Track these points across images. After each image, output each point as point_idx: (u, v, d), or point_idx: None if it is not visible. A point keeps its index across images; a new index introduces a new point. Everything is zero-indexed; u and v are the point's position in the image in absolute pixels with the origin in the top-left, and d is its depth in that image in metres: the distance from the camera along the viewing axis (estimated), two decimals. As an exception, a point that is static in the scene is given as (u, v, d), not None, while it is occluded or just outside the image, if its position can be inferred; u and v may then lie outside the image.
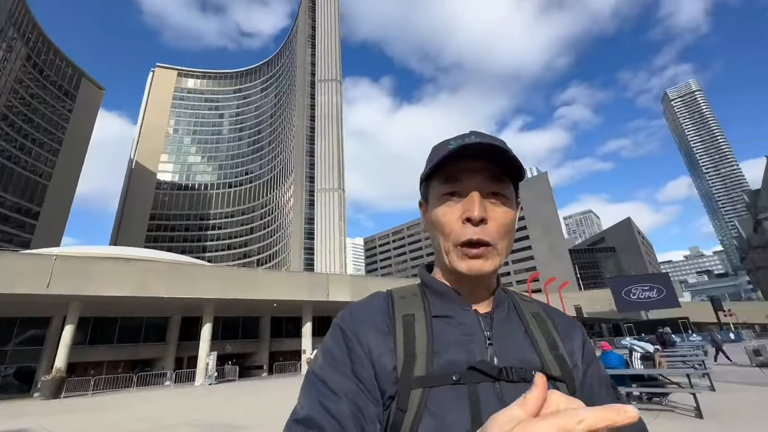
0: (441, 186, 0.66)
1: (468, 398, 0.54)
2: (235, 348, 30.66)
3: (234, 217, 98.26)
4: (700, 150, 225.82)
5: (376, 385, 0.57)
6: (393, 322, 0.63)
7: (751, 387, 9.52)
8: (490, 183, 0.64)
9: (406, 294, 0.69)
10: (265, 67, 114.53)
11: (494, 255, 0.62)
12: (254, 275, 25.76)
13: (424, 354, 0.58)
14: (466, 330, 0.62)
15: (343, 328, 0.63)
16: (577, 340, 0.70)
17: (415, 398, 0.54)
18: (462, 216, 0.62)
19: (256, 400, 13.42)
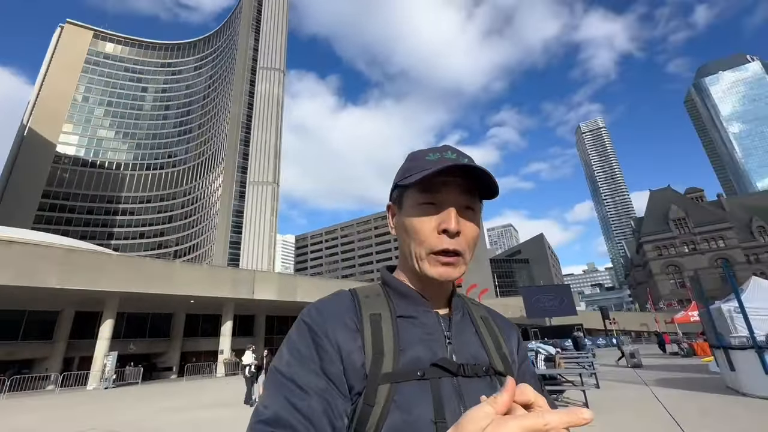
0: (418, 195, 0.68)
1: (431, 392, 0.58)
2: (141, 348, 27.65)
3: (150, 202, 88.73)
4: (601, 179, 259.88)
5: (345, 381, 0.58)
6: (360, 321, 0.64)
7: (628, 385, 11.17)
8: (464, 197, 0.68)
9: (371, 294, 0.71)
10: (202, 44, 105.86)
11: (462, 264, 0.67)
12: (170, 268, 23.44)
13: (391, 351, 0.61)
14: (428, 330, 0.66)
15: (310, 325, 0.63)
16: (514, 340, 0.77)
17: (383, 393, 0.56)
18: (439, 227, 0.66)
19: (158, 405, 12.22)
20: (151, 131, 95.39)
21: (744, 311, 8.90)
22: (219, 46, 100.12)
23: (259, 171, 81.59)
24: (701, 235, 66.86)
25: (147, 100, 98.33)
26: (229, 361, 25.71)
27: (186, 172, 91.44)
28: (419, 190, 0.68)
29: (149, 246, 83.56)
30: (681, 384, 10.72)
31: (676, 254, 68.11)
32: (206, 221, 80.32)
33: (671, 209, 70.60)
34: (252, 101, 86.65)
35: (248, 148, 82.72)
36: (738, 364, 8.88)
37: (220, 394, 14.43)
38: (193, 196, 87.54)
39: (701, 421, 6.43)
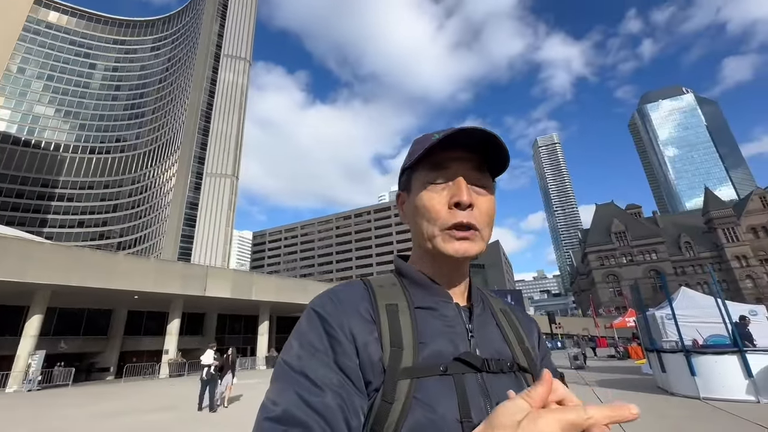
0: (428, 173, 0.66)
1: (455, 389, 0.54)
2: (74, 346, 25.33)
3: (93, 189, 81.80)
4: (554, 191, 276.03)
5: (361, 376, 0.54)
6: (376, 311, 0.60)
7: (571, 386, 11.82)
8: (475, 173, 0.65)
9: (385, 283, 0.66)
10: (161, 24, 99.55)
11: (479, 239, 0.63)
12: (113, 260, 21.65)
13: (411, 345, 0.57)
14: (449, 322, 0.62)
15: (323, 315, 0.58)
16: (535, 335, 0.74)
17: (403, 389, 0.53)
18: (450, 201, 0.62)
19: (90, 409, 11.22)
20: (98, 111, 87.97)
21: (675, 318, 9.76)
22: (180, 28, 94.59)
23: (217, 162, 77.92)
24: (638, 248, 72.96)
25: (95, 78, 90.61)
26: (174, 361, 24.20)
27: (136, 159, 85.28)
28: (427, 168, 0.66)
29: (89, 236, 76.91)
30: (618, 384, 11.55)
31: (616, 264, 73.79)
32: (156, 212, 75.34)
33: (613, 223, 76.43)
34: (214, 89, 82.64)
35: (207, 137, 78.74)
36: (668, 366, 9.70)
37: (163, 398, 13.52)
38: (142, 184, 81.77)
39: (638, 420, 6.93)
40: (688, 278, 66.47)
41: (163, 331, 25.82)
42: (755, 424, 6.20)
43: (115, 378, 24.31)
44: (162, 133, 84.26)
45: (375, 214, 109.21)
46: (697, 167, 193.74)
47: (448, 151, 0.64)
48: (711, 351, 8.85)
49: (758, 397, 8.02)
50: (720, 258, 67.02)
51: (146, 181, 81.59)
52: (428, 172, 0.65)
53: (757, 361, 8.18)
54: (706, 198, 72.14)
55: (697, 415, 7.17)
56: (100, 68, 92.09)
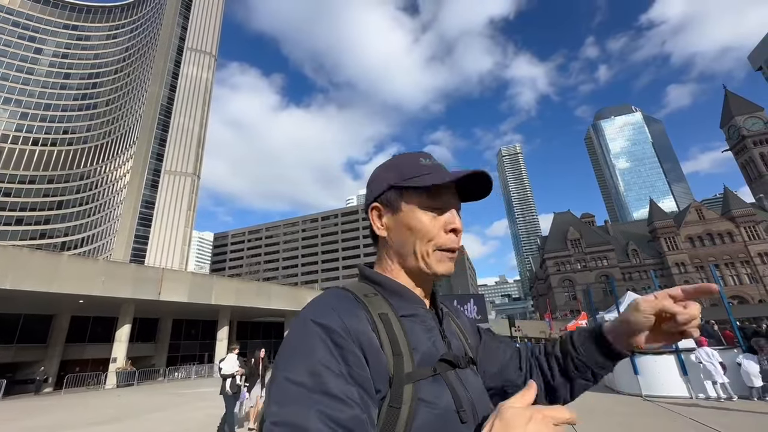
0: (425, 199, 0.71)
1: (446, 385, 0.61)
2: (6, 355, 23.14)
3: (35, 183, 75.28)
4: (516, 199, 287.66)
5: (373, 386, 0.55)
6: (373, 321, 0.61)
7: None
8: (458, 201, 0.75)
9: (368, 293, 0.68)
10: (118, 11, 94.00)
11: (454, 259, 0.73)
12: (55, 261, 19.95)
13: (408, 351, 0.60)
14: (428, 327, 0.68)
15: (329, 326, 0.56)
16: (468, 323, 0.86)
17: (408, 393, 0.56)
18: (446, 227, 0.70)
19: (23, 424, 10.25)
20: (44, 100, 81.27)
21: (622, 321, 10.43)
22: (141, 17, 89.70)
23: (177, 160, 74.26)
24: (590, 255, 77.43)
25: (41, 64, 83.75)
26: (123, 370, 22.65)
27: (85, 152, 79.54)
28: (425, 194, 0.71)
29: (29, 234, 70.60)
30: (570, 384, 12.14)
31: (571, 270, 77.84)
32: (107, 210, 70.52)
33: (569, 231, 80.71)
34: (176, 83, 78.84)
35: (167, 133, 74.91)
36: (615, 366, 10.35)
37: (108, 409, 12.60)
38: (92, 180, 76.32)
39: (587, 417, 7.32)
40: (635, 283, 71.34)
41: (111, 337, 24.14)
42: (689, 419, 6.75)
43: (54, 389, 22.36)
44: (116, 127, 79.19)
45: (343, 218, 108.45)
46: (644, 180, 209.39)
47: (449, 188, 0.72)
48: (651, 351, 9.51)
49: (692, 393, 8.74)
50: (662, 265, 72.55)
51: (96, 177, 76.20)
52: (425, 198, 0.71)
53: (690, 360, 8.91)
54: (650, 209, 77.96)
55: (639, 411, 7.69)
56: (48, 54, 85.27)
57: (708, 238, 71.50)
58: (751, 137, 72.03)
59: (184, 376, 27.42)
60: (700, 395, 8.56)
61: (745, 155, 73.78)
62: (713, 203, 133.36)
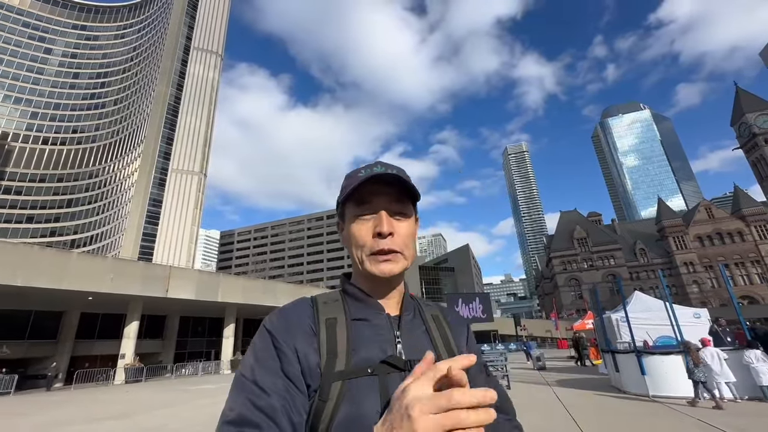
0: (355, 208, 0.78)
1: (379, 387, 0.65)
2: (18, 351, 23.54)
3: (45, 182, 76.37)
4: (522, 198, 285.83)
5: (303, 380, 0.65)
6: (317, 325, 0.72)
7: (535, 385, 12.27)
8: (394, 204, 0.78)
9: (329, 300, 0.79)
10: (126, 11, 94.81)
11: (401, 259, 0.76)
12: (65, 259, 20.26)
13: (344, 352, 0.68)
14: (379, 330, 0.74)
15: (271, 331, 0.70)
16: (464, 334, 0.88)
17: (336, 389, 0.64)
18: (374, 231, 0.76)
19: (37, 419, 10.45)
20: (53, 99, 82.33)
21: (629, 320, 10.34)
22: (148, 17, 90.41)
23: (184, 158, 74.87)
24: (597, 254, 76.80)
25: (51, 64, 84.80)
26: (131, 366, 22.97)
27: (94, 151, 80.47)
28: (355, 203, 0.78)
29: (39, 232, 71.68)
30: (576, 384, 12.08)
31: (577, 269, 77.29)
32: (115, 209, 71.34)
33: (576, 229, 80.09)
34: (182, 82, 79.42)
35: (174, 132, 75.53)
36: (621, 366, 10.26)
37: (117, 405, 12.80)
38: (101, 179, 77.23)
39: (593, 417, 7.29)
40: (642, 283, 70.66)
41: (120, 334, 24.47)
42: (696, 419, 6.69)
43: (64, 385, 22.73)
44: (124, 126, 80.00)
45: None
46: (652, 179, 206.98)
47: (371, 187, 0.76)
48: (659, 351, 9.41)
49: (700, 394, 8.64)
50: (670, 264, 71.75)
51: (105, 176, 77.09)
52: (356, 207, 0.78)
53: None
54: (659, 208, 77.06)
55: (645, 412, 7.63)
56: (57, 53, 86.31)
57: (717, 237, 70.55)
58: (763, 135, 70.80)
59: (191, 373, 27.72)
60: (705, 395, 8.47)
61: (756, 153, 72.50)
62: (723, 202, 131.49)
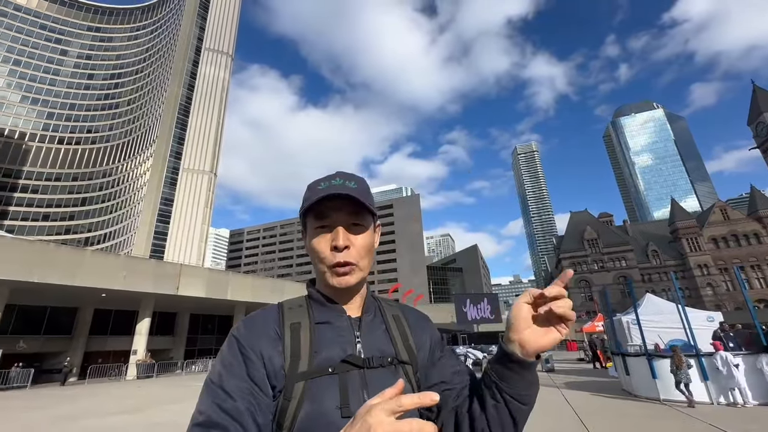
0: (314, 221, 0.83)
1: (338, 384, 0.71)
2: (34, 346, 24.10)
3: (60, 181, 78.05)
4: (531, 199, 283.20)
5: (268, 383, 0.71)
6: (282, 330, 0.77)
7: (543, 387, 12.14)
8: (351, 216, 0.81)
9: (293, 305, 0.84)
10: (139, 13, 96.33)
11: (357, 271, 0.81)
12: (79, 256, 20.71)
13: (307, 353, 0.74)
14: (340, 332, 0.79)
15: (238, 338, 0.75)
16: (426, 331, 0.92)
17: (299, 389, 0.69)
18: (331, 245, 0.80)
19: (52, 412, 10.72)
20: (69, 100, 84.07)
21: (639, 323, 10.19)
22: (160, 18, 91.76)
23: (195, 158, 75.84)
24: (608, 255, 75.72)
25: (66, 65, 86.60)
26: (143, 362, 23.37)
27: (108, 151, 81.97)
28: (313, 217, 0.82)
29: (54, 230, 73.27)
30: (585, 387, 11.95)
31: (588, 270, 76.30)
32: (128, 207, 72.59)
33: (586, 230, 79.09)
34: (193, 83, 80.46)
35: (185, 132, 76.57)
36: (632, 369, 10.12)
37: (129, 399, 13.05)
38: (114, 178, 78.63)
39: (601, 420, 7.22)
40: (654, 285, 69.48)
41: (132, 330, 24.92)
42: (708, 424, 6.57)
43: (78, 380, 23.23)
44: (137, 126, 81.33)
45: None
46: (665, 179, 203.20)
47: (329, 203, 0.80)
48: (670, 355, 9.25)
49: (712, 398, 8.50)
50: (684, 266, 70.40)
51: (118, 175, 78.48)
52: (315, 220, 0.82)
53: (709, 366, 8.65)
54: (672, 209, 75.67)
55: (656, 415, 7.53)
56: (72, 55, 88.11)
57: (733, 239, 69.01)
58: (781, 134, 68.92)
59: (201, 370, 28.10)
60: (721, 399, 8.33)
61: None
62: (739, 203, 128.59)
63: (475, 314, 48.05)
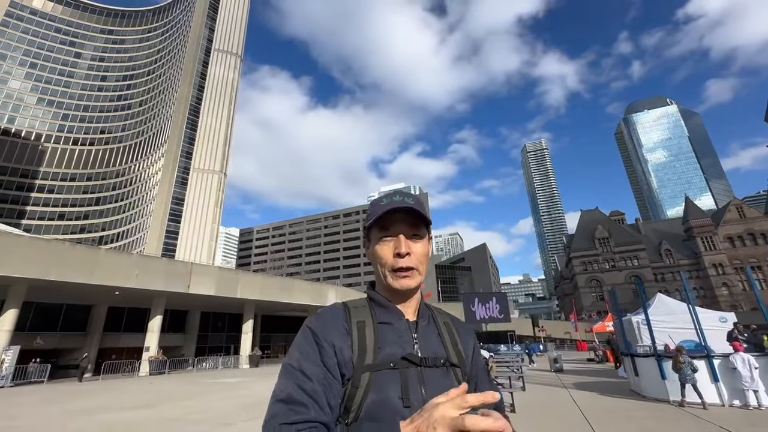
0: (378, 232, 0.96)
1: (399, 378, 0.83)
2: (51, 342, 24.77)
3: (75, 181, 79.75)
4: (541, 197, 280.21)
5: (338, 370, 0.83)
6: (350, 326, 0.89)
7: (550, 387, 12.10)
8: (410, 228, 0.95)
9: (358, 305, 0.97)
10: (150, 15, 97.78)
11: (417, 275, 0.94)
12: (94, 255, 21.19)
13: (372, 349, 0.86)
14: (400, 333, 0.91)
15: (313, 329, 0.88)
16: (470, 341, 1.04)
17: (365, 379, 0.81)
18: (393, 252, 0.93)
19: (67, 407, 11.02)
20: (83, 102, 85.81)
21: (649, 323, 10.07)
22: (171, 20, 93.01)
23: (205, 158, 76.80)
24: (620, 254, 74.59)
25: (80, 67, 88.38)
26: (155, 359, 23.83)
27: (121, 151, 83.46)
28: (379, 228, 0.96)
29: (70, 229, 74.98)
30: (594, 387, 11.85)
31: (599, 270, 75.26)
32: (140, 207, 73.87)
33: (597, 229, 77.97)
34: (203, 83, 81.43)
35: (195, 132, 77.56)
36: (641, 370, 10.01)
37: (143, 395, 13.34)
38: (127, 178, 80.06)
39: (608, 421, 7.17)
40: (668, 285, 68.28)
41: (145, 327, 25.41)
42: (718, 426, 6.48)
43: (92, 375, 23.79)
44: (149, 126, 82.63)
45: (364, 215, 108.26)
46: (679, 176, 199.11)
47: (392, 216, 0.94)
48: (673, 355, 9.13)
49: (723, 400, 8.37)
50: (698, 266, 69.04)
51: (131, 175, 79.88)
52: (379, 231, 0.96)
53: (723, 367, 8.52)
54: (686, 207, 74.17)
55: (664, 416, 7.45)
56: (86, 57, 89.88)
57: (749, 237, 67.44)
58: (800, 130, 67.09)
59: (212, 367, 28.53)
60: (736, 402, 8.20)
61: (793, 150, 68.86)
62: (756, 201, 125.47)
63: (483, 313, 47.87)
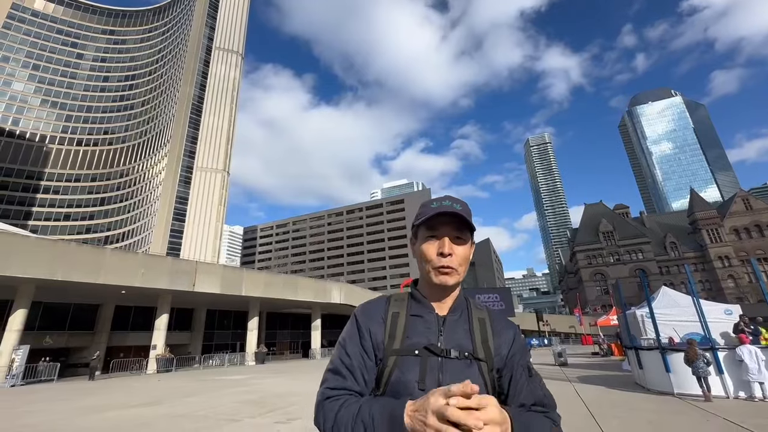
0: (425, 231, 1.06)
1: (419, 364, 0.95)
2: (59, 341, 25.07)
3: (80, 182, 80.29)
4: (544, 191, 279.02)
5: (373, 352, 0.99)
6: (386, 317, 1.05)
7: (554, 381, 12.12)
8: (455, 231, 1.04)
9: (398, 299, 1.10)
10: (151, 14, 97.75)
11: (456, 274, 1.03)
12: (100, 255, 21.38)
13: (401, 336, 1.00)
14: (428, 325, 1.03)
15: (357, 318, 1.06)
16: (508, 336, 1.08)
17: (392, 361, 0.97)
18: (438, 251, 1.02)
19: (76, 404, 11.19)
20: (86, 102, 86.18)
21: (653, 316, 10.05)
22: (171, 19, 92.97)
23: (208, 157, 77.01)
24: (624, 248, 74.24)
25: (83, 68, 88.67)
26: (162, 356, 24.08)
27: (124, 152, 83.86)
28: (426, 228, 1.06)
29: (75, 230, 75.60)
30: (598, 381, 11.86)
31: (603, 263, 74.98)
32: (145, 206, 74.31)
33: (601, 222, 77.58)
34: (205, 82, 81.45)
35: (198, 131, 77.74)
36: (645, 363, 10.01)
37: (151, 392, 13.50)
38: (131, 178, 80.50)
39: (612, 414, 7.19)
40: (673, 278, 67.95)
41: (151, 326, 25.64)
42: (723, 418, 6.48)
43: (101, 373, 24.10)
44: (152, 126, 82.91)
45: (367, 211, 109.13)
46: (684, 169, 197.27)
47: (440, 218, 1.03)
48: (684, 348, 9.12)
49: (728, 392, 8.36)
50: (704, 258, 68.61)
51: (135, 175, 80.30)
52: (426, 231, 1.06)
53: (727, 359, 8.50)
54: (691, 199, 73.59)
55: (668, 409, 7.45)
56: (88, 58, 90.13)
57: (756, 229, 66.91)
58: (807, 120, 66.29)
59: (218, 364, 28.81)
60: (741, 394, 8.19)
61: (800, 140, 68.02)
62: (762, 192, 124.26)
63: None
